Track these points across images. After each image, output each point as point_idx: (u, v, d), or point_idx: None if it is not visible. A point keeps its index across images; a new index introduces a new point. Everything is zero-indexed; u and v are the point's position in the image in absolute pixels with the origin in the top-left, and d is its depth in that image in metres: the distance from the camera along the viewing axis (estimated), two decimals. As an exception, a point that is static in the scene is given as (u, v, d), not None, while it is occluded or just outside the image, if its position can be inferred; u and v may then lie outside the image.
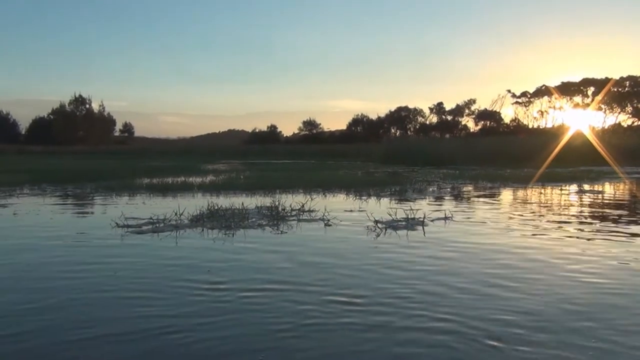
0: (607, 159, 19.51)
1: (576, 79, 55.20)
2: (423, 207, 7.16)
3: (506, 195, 9.54)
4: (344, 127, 66.26)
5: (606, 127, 47.93)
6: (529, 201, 8.65)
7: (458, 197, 9.08)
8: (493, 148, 26.44)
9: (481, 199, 8.78)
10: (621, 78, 51.96)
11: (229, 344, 2.38)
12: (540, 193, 9.93)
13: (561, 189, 10.48)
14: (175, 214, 5.88)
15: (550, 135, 35.15)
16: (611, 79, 51.07)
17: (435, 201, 8.12)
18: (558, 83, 55.16)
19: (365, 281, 3.42)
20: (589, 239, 4.85)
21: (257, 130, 71.08)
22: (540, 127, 54.74)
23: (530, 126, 55.96)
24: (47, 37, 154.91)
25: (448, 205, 7.58)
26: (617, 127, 47.63)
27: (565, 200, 8.70)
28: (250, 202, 7.54)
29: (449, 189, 10.33)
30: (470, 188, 10.82)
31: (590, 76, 54.47)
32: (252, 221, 5.80)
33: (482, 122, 58.59)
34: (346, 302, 2.92)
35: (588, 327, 2.53)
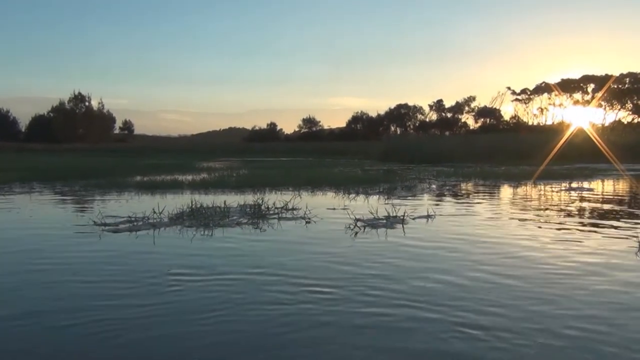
0: (605, 156, 19.44)
1: (576, 75, 55.09)
2: (408, 205, 7.12)
3: (494, 193, 9.49)
4: (344, 125, 66.24)
5: (606, 124, 47.83)
6: (514, 199, 8.62)
7: (446, 194, 9.04)
8: (491, 145, 26.37)
9: (468, 197, 8.75)
10: (621, 75, 51.79)
11: (166, 326, 2.54)
12: (529, 191, 9.88)
13: (551, 187, 10.43)
14: (155, 212, 5.85)
15: (549, 132, 35.07)
16: (611, 75, 50.90)
17: (421, 199, 8.08)
18: (558, 80, 55.01)
19: (326, 274, 3.41)
20: (565, 234, 4.81)
21: (256, 128, 71.07)
22: (540, 124, 54.62)
23: (530, 123, 55.83)
24: (48, 35, 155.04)
25: (433, 203, 7.55)
26: (617, 124, 47.51)
27: (550, 197, 8.64)
28: (237, 200, 7.49)
29: (439, 187, 10.30)
30: (460, 186, 10.78)
31: (590, 73, 54.37)
32: (232, 219, 5.76)
33: (482, 120, 58.50)
34: (294, 290, 2.89)
35: (557, 315, 2.50)
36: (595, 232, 5.13)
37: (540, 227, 5.40)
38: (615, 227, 5.39)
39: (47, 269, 3.65)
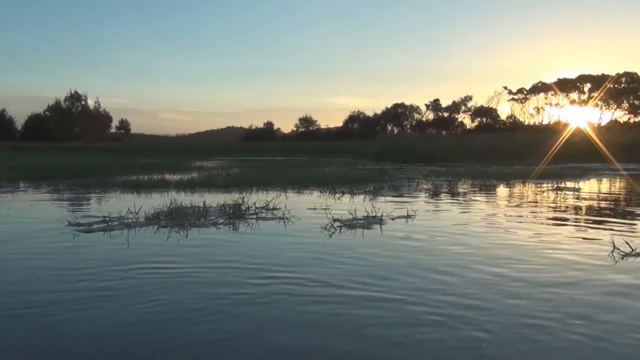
0: (599, 155, 19.41)
1: (572, 75, 55.04)
2: (391, 204, 7.07)
3: (481, 192, 9.43)
4: (342, 124, 66.17)
5: (602, 123, 47.87)
6: (499, 198, 8.56)
7: (432, 194, 9.00)
8: (486, 145, 26.34)
9: (453, 197, 8.71)
10: (617, 74, 51.78)
11: (98, 316, 2.68)
12: (516, 190, 9.84)
13: (540, 187, 10.38)
14: (131, 212, 5.79)
15: (545, 132, 35.08)
16: (607, 75, 50.90)
17: (405, 199, 8.02)
18: (554, 79, 54.98)
19: (284, 269, 3.38)
20: (542, 232, 4.75)
21: (253, 128, 71.01)
22: (537, 124, 54.63)
23: (526, 123, 55.83)
24: (48, 34, 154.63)
25: (416, 202, 7.49)
26: (614, 123, 47.54)
27: (535, 197, 8.60)
28: (221, 199, 7.42)
29: (427, 186, 10.25)
30: (449, 185, 10.74)
31: (586, 72, 54.35)
32: (210, 219, 5.71)
33: (479, 119, 58.47)
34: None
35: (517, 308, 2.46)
36: (571, 231, 5.08)
37: (517, 226, 5.35)
38: (593, 226, 5.35)
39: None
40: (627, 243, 4.10)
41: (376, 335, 2.38)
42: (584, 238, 4.76)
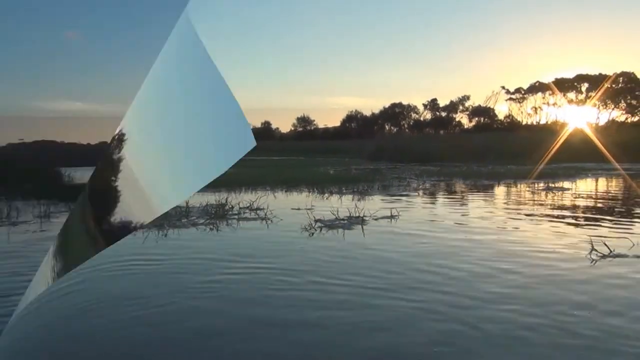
0: (594, 155, 19.38)
1: (570, 75, 54.99)
2: (377, 205, 7.01)
3: (469, 192, 9.37)
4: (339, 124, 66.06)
5: (600, 123, 47.89)
6: (485, 199, 8.50)
7: (421, 194, 8.94)
8: (482, 145, 26.34)
9: (441, 196, 8.66)
10: (615, 74, 51.74)
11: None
12: (505, 190, 9.79)
13: (530, 186, 10.33)
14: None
15: (542, 132, 35.06)
16: (605, 75, 50.86)
17: (393, 199, 7.97)
18: (552, 79, 54.92)
19: (242, 265, 3.30)
20: (523, 232, 4.70)
21: (251, 127, 70.76)
22: (534, 124, 54.60)
23: (524, 122, 55.78)
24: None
25: (403, 202, 7.43)
26: (611, 123, 47.53)
27: (522, 197, 8.54)
28: (205, 200, 7.37)
29: (417, 186, 10.20)
30: (439, 185, 10.69)
31: (584, 72, 54.27)
32: (191, 219, 5.66)
33: (476, 119, 58.41)
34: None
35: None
36: (553, 231, 5.02)
37: (498, 226, 5.28)
38: (576, 226, 5.29)
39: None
40: (605, 244, 4.05)
41: (330, 317, 2.33)
42: (564, 238, 4.70)
